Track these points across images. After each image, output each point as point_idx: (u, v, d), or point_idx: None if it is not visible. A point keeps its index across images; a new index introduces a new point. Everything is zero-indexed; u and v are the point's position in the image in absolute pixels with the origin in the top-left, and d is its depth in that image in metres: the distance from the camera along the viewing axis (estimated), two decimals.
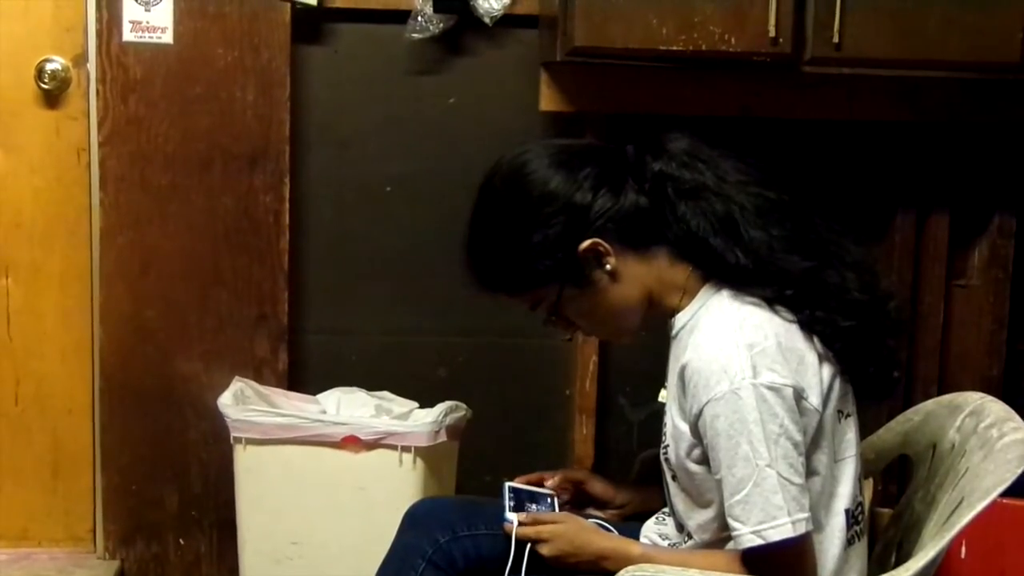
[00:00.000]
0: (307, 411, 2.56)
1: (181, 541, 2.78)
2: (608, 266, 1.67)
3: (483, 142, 2.76)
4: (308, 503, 2.49)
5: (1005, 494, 1.53)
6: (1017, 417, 1.67)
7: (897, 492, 2.02)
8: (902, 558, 1.76)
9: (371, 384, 2.69)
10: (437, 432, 2.43)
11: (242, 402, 2.52)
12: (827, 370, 1.63)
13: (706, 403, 1.56)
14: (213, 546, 2.79)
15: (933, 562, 1.54)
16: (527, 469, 1.99)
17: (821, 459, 1.63)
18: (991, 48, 2.42)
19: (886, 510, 1.89)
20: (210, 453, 2.73)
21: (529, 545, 1.73)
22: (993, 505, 1.52)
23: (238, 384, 2.59)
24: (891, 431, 1.94)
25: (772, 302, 1.63)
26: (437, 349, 2.82)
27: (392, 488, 2.44)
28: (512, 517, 1.75)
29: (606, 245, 1.66)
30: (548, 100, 2.66)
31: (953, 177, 2.81)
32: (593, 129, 2.69)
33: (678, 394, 1.65)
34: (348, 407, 2.60)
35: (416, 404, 2.62)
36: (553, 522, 1.75)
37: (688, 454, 1.66)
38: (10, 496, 2.84)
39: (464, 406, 2.56)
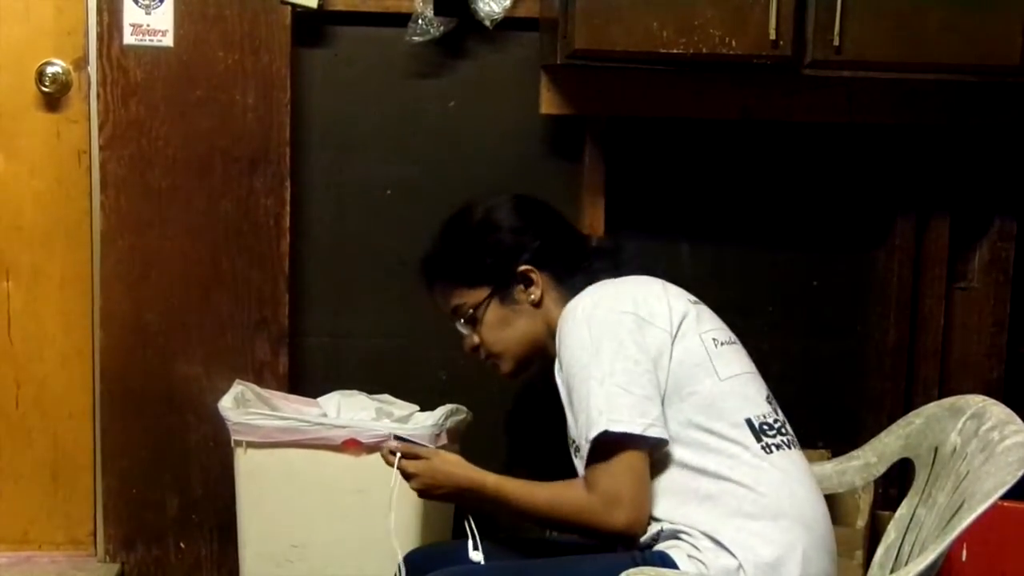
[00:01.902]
0: (308, 414, 2.56)
1: (181, 544, 2.78)
2: (532, 296, 1.94)
3: (483, 145, 2.76)
4: (309, 506, 2.49)
5: (1006, 497, 1.53)
6: (1018, 420, 1.67)
7: (898, 495, 2.03)
8: (903, 560, 1.76)
9: (372, 387, 2.69)
10: (438, 435, 2.43)
11: (243, 405, 2.52)
12: (679, 303, 1.81)
13: (559, 344, 1.80)
14: (213, 549, 2.79)
15: (934, 564, 1.54)
16: (527, 471, 1.99)
17: (702, 379, 1.75)
18: (991, 51, 2.42)
19: (887, 513, 1.90)
20: (210, 456, 2.73)
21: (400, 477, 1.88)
22: (994, 508, 1.52)
23: (239, 387, 2.59)
24: (892, 434, 1.94)
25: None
26: (438, 352, 2.81)
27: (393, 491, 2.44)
28: (390, 446, 1.91)
29: (539, 276, 1.94)
30: (548, 103, 2.66)
31: (953, 180, 2.81)
32: (593, 132, 2.69)
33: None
34: (349, 410, 2.60)
35: (417, 407, 2.62)
36: (422, 457, 1.87)
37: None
38: (10, 499, 2.84)
39: (465, 409, 2.56)
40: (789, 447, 1.78)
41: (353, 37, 2.72)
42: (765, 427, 1.76)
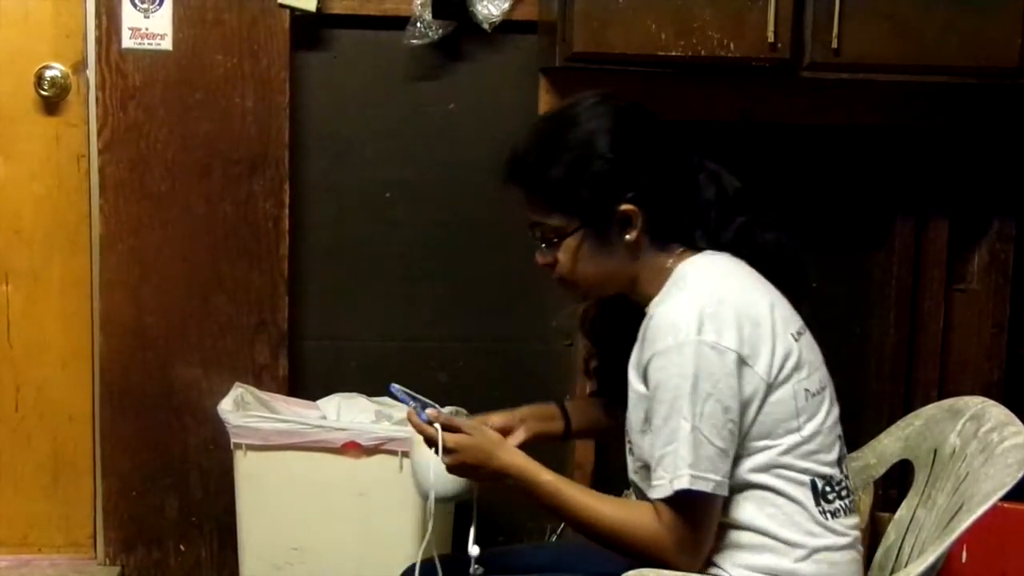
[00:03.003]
0: (307, 417, 2.56)
1: (181, 547, 2.78)
2: (629, 237, 1.69)
3: (482, 148, 2.76)
4: (308, 509, 2.49)
5: (1006, 498, 1.53)
6: (1017, 421, 1.67)
7: (898, 497, 2.03)
8: (903, 562, 1.76)
9: (371, 390, 2.69)
10: None
11: (242, 408, 2.52)
12: (783, 341, 1.65)
13: (652, 356, 1.62)
14: (213, 552, 2.79)
15: (934, 566, 1.54)
16: None
17: (783, 436, 1.64)
18: (990, 53, 2.42)
19: (887, 514, 1.89)
20: (210, 459, 2.73)
21: (434, 450, 1.72)
22: (994, 509, 1.52)
23: (238, 390, 2.59)
24: (892, 436, 1.94)
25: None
26: (437, 354, 2.82)
27: (392, 493, 2.44)
28: (430, 416, 1.74)
29: (641, 217, 1.68)
30: (547, 105, 2.66)
31: (952, 182, 2.81)
32: None
33: (636, 352, 1.69)
34: (348, 413, 2.60)
35: None
36: (462, 432, 1.73)
37: (644, 421, 1.68)
38: (10, 502, 2.84)
39: (464, 411, 2.56)
40: (846, 513, 1.71)
41: (352, 40, 2.72)
42: (828, 490, 1.68)
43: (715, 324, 1.59)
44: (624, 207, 1.67)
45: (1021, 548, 2.45)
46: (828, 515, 1.67)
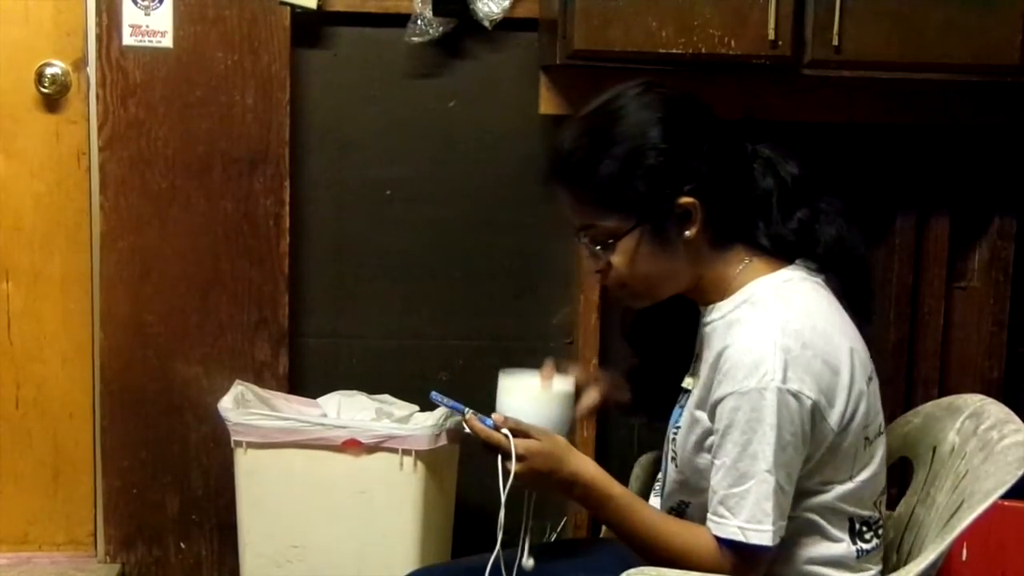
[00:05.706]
0: (308, 414, 2.56)
1: (182, 544, 2.79)
2: (687, 232, 1.62)
3: (482, 145, 2.76)
4: (309, 506, 2.49)
5: (1006, 496, 1.53)
6: (1017, 419, 1.67)
7: (897, 495, 2.03)
8: (902, 560, 1.76)
9: (372, 387, 2.69)
10: (438, 435, 2.43)
11: (243, 405, 2.52)
12: (857, 386, 1.61)
13: (730, 393, 1.55)
14: (214, 550, 2.79)
15: (934, 564, 1.55)
16: None
17: (835, 482, 1.63)
18: (990, 51, 2.42)
19: (886, 512, 1.90)
20: (211, 457, 2.73)
21: (500, 457, 1.63)
22: (993, 507, 1.52)
23: (239, 388, 2.59)
24: (891, 433, 1.93)
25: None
26: (437, 352, 2.82)
27: (393, 491, 2.45)
28: (496, 420, 1.65)
29: (701, 213, 1.61)
30: (548, 103, 2.66)
31: (953, 179, 2.81)
32: None
33: (705, 380, 1.64)
34: (349, 410, 2.60)
35: (417, 407, 2.62)
36: (531, 437, 1.64)
37: (699, 445, 1.64)
38: (11, 500, 2.84)
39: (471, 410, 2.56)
40: (876, 550, 1.70)
41: (352, 38, 2.72)
42: (864, 529, 1.67)
43: (799, 371, 1.54)
44: (683, 200, 1.59)
45: (1021, 546, 2.45)
46: (861, 553, 1.67)
